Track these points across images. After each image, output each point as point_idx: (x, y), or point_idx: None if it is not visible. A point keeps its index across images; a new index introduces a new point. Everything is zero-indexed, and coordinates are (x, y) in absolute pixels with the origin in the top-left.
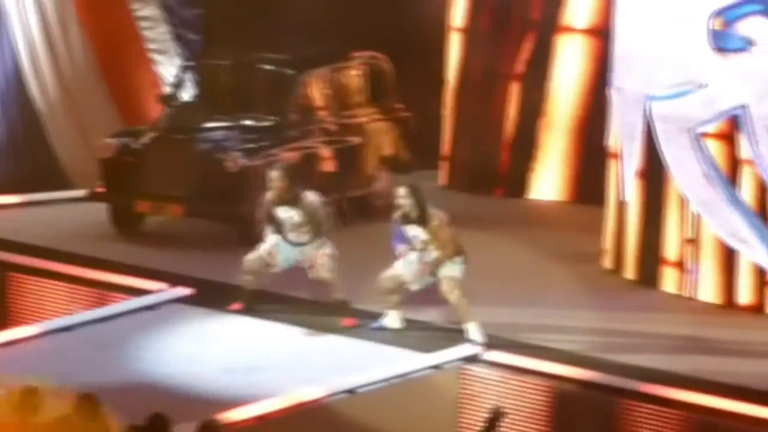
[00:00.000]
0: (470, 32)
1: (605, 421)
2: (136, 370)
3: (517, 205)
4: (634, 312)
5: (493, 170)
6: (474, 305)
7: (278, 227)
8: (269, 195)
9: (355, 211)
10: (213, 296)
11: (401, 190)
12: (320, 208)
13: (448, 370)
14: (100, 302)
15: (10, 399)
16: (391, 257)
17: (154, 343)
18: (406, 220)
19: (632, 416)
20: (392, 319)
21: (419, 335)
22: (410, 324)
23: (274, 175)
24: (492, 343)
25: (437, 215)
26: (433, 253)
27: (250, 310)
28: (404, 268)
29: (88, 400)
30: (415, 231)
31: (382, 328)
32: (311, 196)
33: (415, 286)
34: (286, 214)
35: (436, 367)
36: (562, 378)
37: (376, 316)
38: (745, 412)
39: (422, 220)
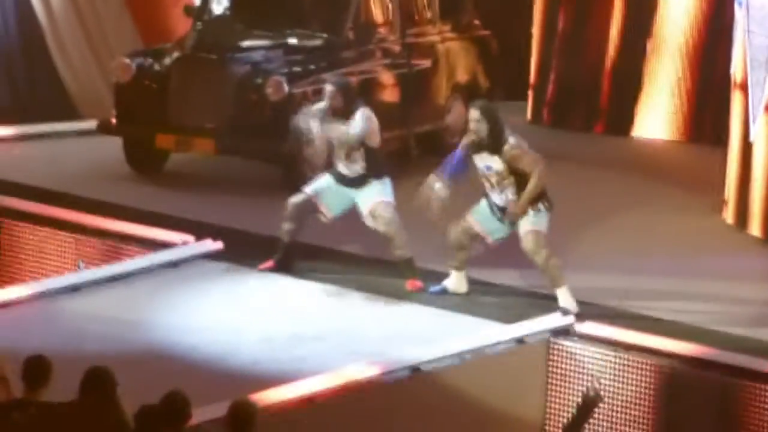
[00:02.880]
0: None
1: (724, 407)
2: (155, 340)
3: (619, 143)
4: (760, 277)
5: (591, 102)
6: (566, 266)
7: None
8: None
9: (423, 150)
10: (248, 251)
11: (474, 112)
12: (374, 130)
13: (532, 344)
14: (113, 257)
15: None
16: (469, 206)
17: (176, 307)
18: (479, 147)
19: (757, 401)
20: (456, 282)
21: (498, 302)
22: (487, 288)
23: (328, 89)
24: (587, 312)
25: (517, 141)
26: (509, 192)
27: (286, 269)
28: (476, 216)
29: (97, 376)
30: (488, 161)
31: (444, 292)
32: (363, 113)
33: (489, 239)
34: (335, 132)
35: (518, 340)
36: (672, 355)
37: (445, 278)
38: None
39: (497, 148)
